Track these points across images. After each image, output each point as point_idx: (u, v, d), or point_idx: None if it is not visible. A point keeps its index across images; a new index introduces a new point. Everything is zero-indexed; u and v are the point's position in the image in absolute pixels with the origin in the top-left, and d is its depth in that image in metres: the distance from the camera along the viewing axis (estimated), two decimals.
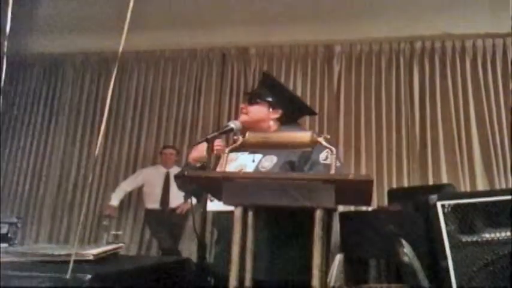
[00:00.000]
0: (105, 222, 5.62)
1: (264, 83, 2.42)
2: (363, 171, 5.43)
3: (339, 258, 4.23)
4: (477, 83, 5.49)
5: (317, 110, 5.76)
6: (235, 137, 1.79)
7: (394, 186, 5.34)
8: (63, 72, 6.77)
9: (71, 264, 1.60)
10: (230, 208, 1.62)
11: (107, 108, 2.96)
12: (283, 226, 1.99)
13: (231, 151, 1.76)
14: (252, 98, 2.29)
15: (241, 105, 2.32)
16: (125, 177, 6.10)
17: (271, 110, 2.26)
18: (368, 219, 4.28)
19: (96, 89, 6.57)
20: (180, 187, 2.36)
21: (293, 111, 2.36)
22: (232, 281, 1.55)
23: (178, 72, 6.39)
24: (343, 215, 4.50)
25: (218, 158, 2.31)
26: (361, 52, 5.87)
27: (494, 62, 5.50)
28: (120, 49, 1.67)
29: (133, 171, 6.13)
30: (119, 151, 6.30)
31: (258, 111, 2.26)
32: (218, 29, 5.97)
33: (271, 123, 2.26)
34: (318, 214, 1.53)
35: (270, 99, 2.27)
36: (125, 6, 1.82)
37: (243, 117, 2.26)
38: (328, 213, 1.62)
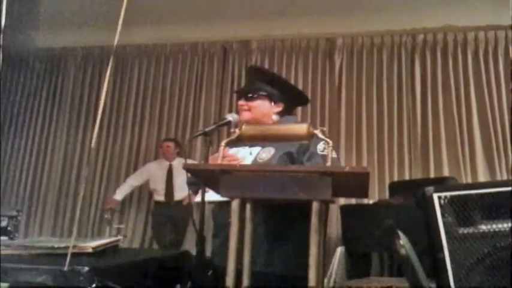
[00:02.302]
0: (107, 216, 5.64)
1: (258, 76, 2.36)
2: (364, 164, 5.42)
3: (339, 251, 4.23)
4: (479, 76, 5.47)
5: (318, 103, 5.79)
6: (231, 130, 1.79)
7: (396, 179, 5.34)
8: (65, 67, 6.77)
9: (69, 257, 1.62)
10: (226, 198, 1.63)
11: (102, 101, 2.96)
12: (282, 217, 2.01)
13: (228, 144, 1.76)
14: (252, 94, 2.25)
15: (240, 102, 2.27)
16: (127, 170, 6.13)
17: (272, 104, 2.25)
18: (369, 212, 4.29)
19: (98, 83, 6.56)
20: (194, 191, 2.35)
21: (293, 101, 2.37)
22: (230, 273, 1.56)
23: (180, 66, 6.38)
24: (344, 208, 4.51)
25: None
26: (363, 45, 5.85)
27: (496, 54, 5.47)
28: (115, 43, 1.67)
29: (136, 165, 6.15)
30: (121, 145, 6.31)
31: (261, 106, 2.23)
32: (219, 22, 5.95)
33: (274, 117, 2.25)
34: (315, 206, 1.53)
35: (270, 92, 2.25)
36: (128, 1, 1.83)
37: (245, 115, 2.23)
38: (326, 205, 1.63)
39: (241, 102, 2.27)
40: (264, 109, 2.24)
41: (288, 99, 2.30)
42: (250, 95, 2.25)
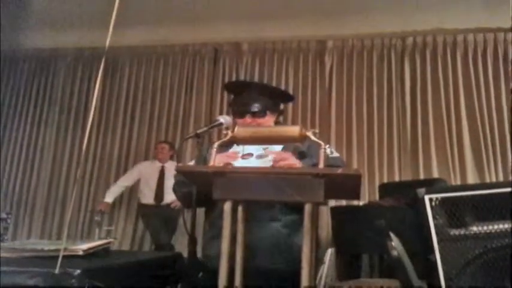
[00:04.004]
0: (97, 218, 5.60)
1: (262, 92, 2.36)
2: (355, 165, 5.45)
3: (330, 252, 4.24)
4: (468, 78, 5.51)
5: (309, 105, 5.81)
6: (224, 132, 1.79)
7: (386, 180, 5.36)
8: (55, 68, 6.73)
9: (60, 259, 1.61)
10: None
11: (93, 104, 2.95)
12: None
13: (220, 146, 1.77)
14: (259, 111, 2.26)
15: (248, 120, 2.25)
16: (117, 172, 6.10)
17: (272, 114, 2.31)
18: (359, 214, 4.29)
19: (88, 84, 6.53)
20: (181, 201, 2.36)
21: (282, 104, 2.44)
22: (223, 274, 1.56)
23: (170, 68, 6.37)
24: (334, 210, 4.51)
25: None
26: (353, 47, 5.88)
27: (485, 56, 5.52)
28: (107, 45, 1.67)
29: (126, 166, 6.12)
30: (110, 146, 6.28)
31: (266, 121, 2.28)
32: (210, 24, 5.94)
33: (272, 125, 2.30)
34: (308, 208, 1.54)
35: (272, 106, 2.30)
36: (118, 2, 1.82)
37: None
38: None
39: (249, 120, 2.26)
40: (268, 122, 2.28)
41: (279, 105, 2.38)
42: (259, 112, 2.26)
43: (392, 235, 1.90)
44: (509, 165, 5.16)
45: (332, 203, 4.65)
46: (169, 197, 5.42)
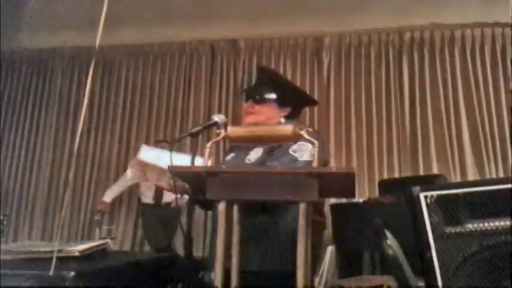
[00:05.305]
0: (97, 217, 5.59)
1: (265, 78, 2.33)
2: (354, 162, 5.45)
3: (330, 250, 4.23)
4: (466, 73, 5.50)
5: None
6: (217, 131, 1.78)
7: (385, 176, 5.35)
8: (52, 68, 6.72)
9: (54, 261, 1.60)
10: None
11: (84, 104, 2.94)
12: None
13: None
14: (258, 97, 2.20)
15: (246, 105, 2.22)
16: (117, 171, 6.09)
17: (279, 107, 2.22)
18: (359, 211, 4.29)
19: (86, 84, 6.52)
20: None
21: (299, 104, 2.34)
22: (218, 276, 1.55)
23: (168, 66, 6.36)
24: (334, 207, 4.51)
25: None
26: (350, 44, 5.86)
27: (482, 51, 5.50)
28: (97, 44, 1.66)
29: (125, 165, 6.09)
30: (109, 146, 6.27)
31: (268, 110, 2.20)
32: (207, 22, 5.93)
33: (281, 120, 2.22)
34: (302, 207, 1.53)
35: (277, 96, 2.21)
36: (115, 1, 1.81)
37: (250, 118, 2.19)
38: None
39: (248, 104, 2.22)
40: (270, 113, 2.20)
41: (294, 102, 2.27)
42: (258, 98, 2.20)
43: (387, 233, 1.89)
44: (509, 160, 5.15)
45: (332, 200, 4.64)
46: (170, 196, 5.40)
